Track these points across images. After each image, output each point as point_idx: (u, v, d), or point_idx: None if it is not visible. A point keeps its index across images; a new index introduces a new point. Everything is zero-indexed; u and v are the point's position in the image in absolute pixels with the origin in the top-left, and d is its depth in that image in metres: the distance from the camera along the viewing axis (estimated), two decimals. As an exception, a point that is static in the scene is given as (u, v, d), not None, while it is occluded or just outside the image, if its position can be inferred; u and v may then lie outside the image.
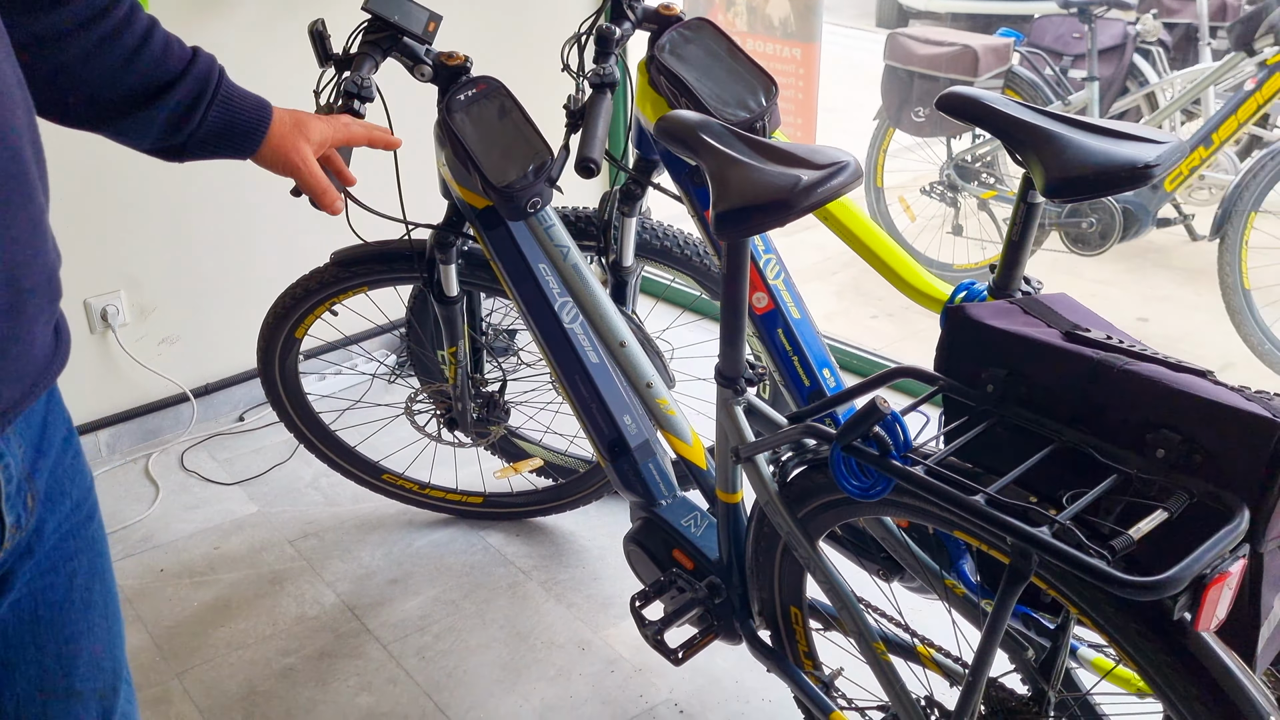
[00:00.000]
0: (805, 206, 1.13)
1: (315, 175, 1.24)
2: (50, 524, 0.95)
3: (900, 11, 8.63)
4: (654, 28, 1.68)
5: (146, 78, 1.07)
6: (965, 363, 1.18)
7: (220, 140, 1.14)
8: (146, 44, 1.07)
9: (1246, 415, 0.97)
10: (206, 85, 1.11)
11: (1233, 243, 3.04)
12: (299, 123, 1.23)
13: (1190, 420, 1.00)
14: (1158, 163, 1.18)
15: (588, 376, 1.73)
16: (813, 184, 1.13)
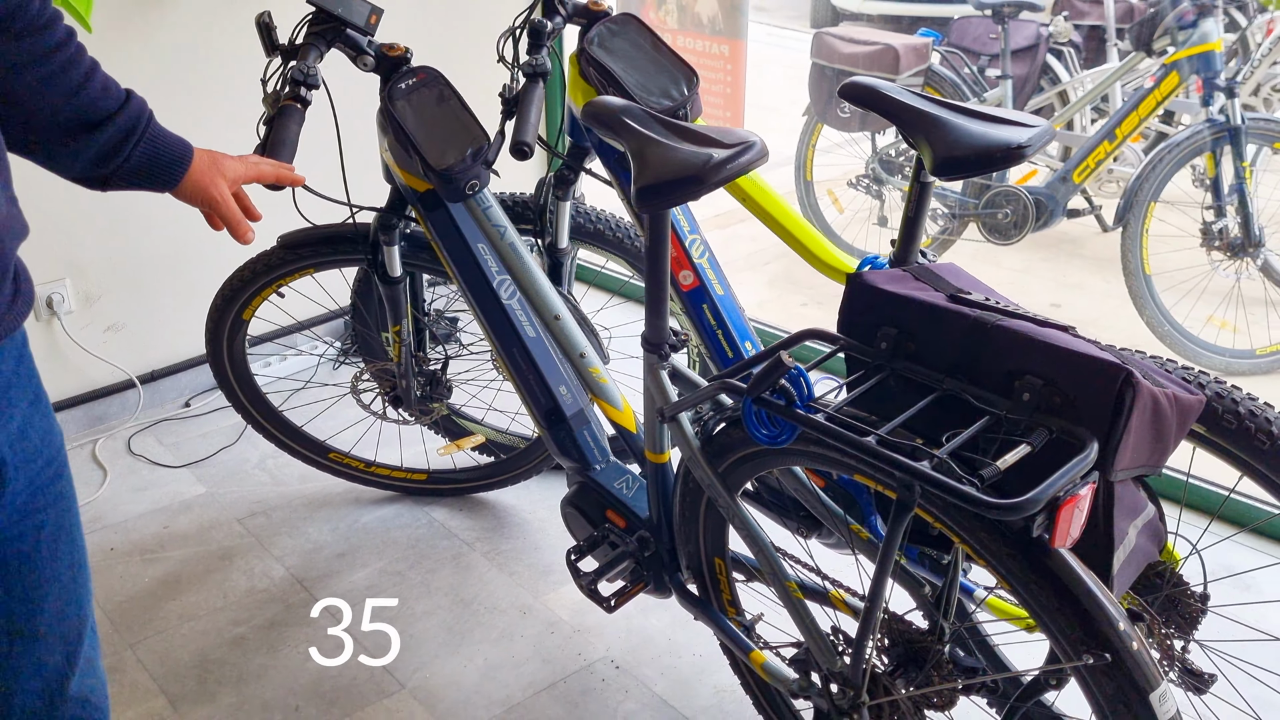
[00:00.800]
0: (716, 181, 1.25)
1: (231, 208, 1.36)
2: (21, 479, 1.04)
3: (833, 13, 8.85)
4: (584, 22, 1.80)
5: (84, 113, 1.17)
6: (863, 324, 1.31)
7: (144, 174, 1.25)
8: (88, 82, 1.17)
9: (1097, 361, 1.11)
10: (136, 124, 1.22)
11: (1134, 231, 3.24)
12: (216, 161, 1.34)
13: (1051, 367, 1.14)
14: (1029, 143, 1.32)
15: (525, 350, 1.84)
16: (722, 161, 1.26)
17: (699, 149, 1.28)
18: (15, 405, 1.02)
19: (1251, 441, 1.28)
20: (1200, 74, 3.23)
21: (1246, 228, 3.23)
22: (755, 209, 1.76)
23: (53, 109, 1.15)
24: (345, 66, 1.87)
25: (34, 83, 1.13)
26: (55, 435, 1.09)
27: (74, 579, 1.13)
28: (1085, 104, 3.79)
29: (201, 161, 1.32)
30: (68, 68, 1.15)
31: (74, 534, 1.12)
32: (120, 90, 1.22)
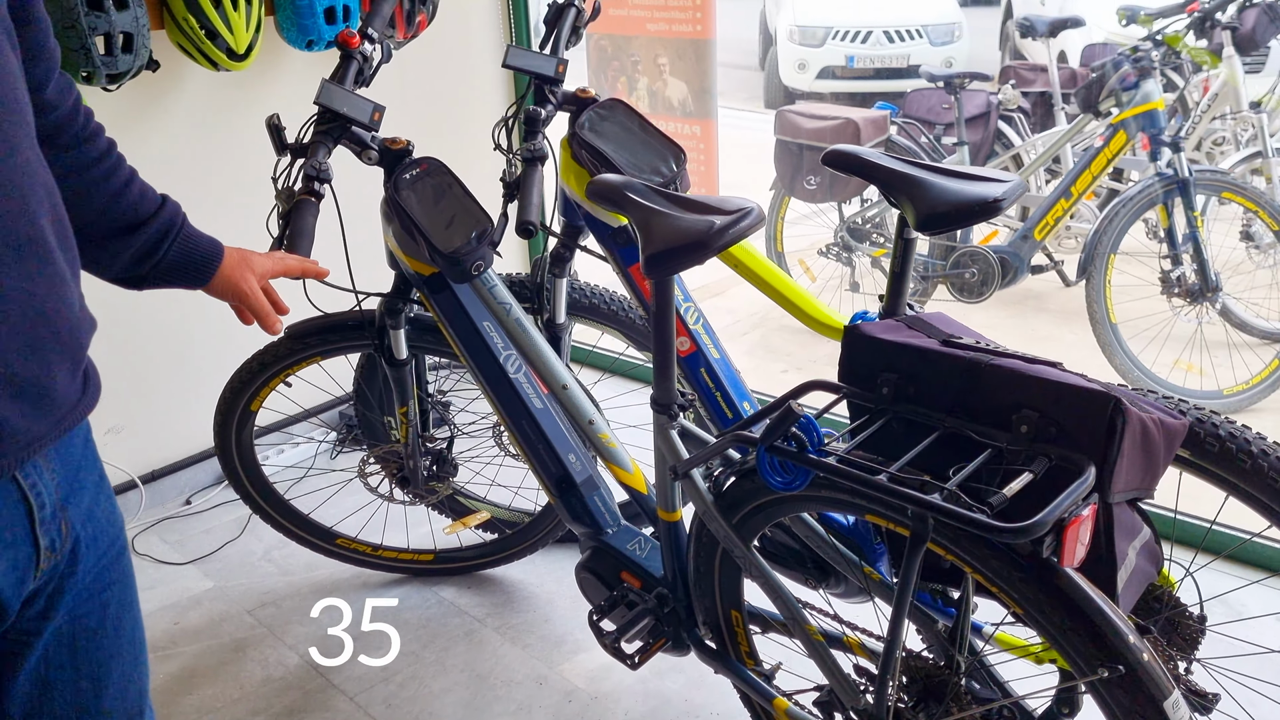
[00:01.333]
0: (720, 245, 1.34)
1: (260, 301, 1.44)
2: (89, 558, 1.10)
3: (786, 93, 9.16)
4: (572, 109, 1.91)
5: (123, 217, 1.26)
6: (863, 372, 1.39)
7: (178, 273, 1.34)
8: (127, 189, 1.26)
9: (1087, 392, 1.20)
10: (171, 226, 1.31)
11: (1097, 282, 3.38)
12: (244, 258, 1.43)
13: (1045, 400, 1.22)
14: (1004, 196, 1.42)
15: (533, 421, 1.91)
16: (724, 226, 1.35)
17: (701, 217, 1.37)
18: (84, 486, 1.08)
19: (1234, 463, 1.37)
20: (1146, 131, 3.41)
21: (1203, 274, 3.38)
22: (747, 273, 1.85)
23: (95, 214, 1.24)
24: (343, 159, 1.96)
25: (78, 190, 1.21)
26: (117, 515, 1.14)
27: (135, 657, 1.17)
28: (1039, 166, 3.97)
29: (231, 258, 1.40)
30: (109, 176, 1.24)
31: (135, 612, 1.17)
32: (156, 195, 1.31)
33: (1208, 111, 4.13)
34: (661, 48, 3.07)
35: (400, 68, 3.01)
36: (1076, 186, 3.58)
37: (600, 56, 3.26)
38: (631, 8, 3.10)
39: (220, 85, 2.71)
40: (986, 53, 10.11)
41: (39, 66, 1.11)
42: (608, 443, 1.83)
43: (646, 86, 3.16)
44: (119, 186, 1.25)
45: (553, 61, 1.86)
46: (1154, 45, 3.47)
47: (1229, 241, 3.86)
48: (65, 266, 1.04)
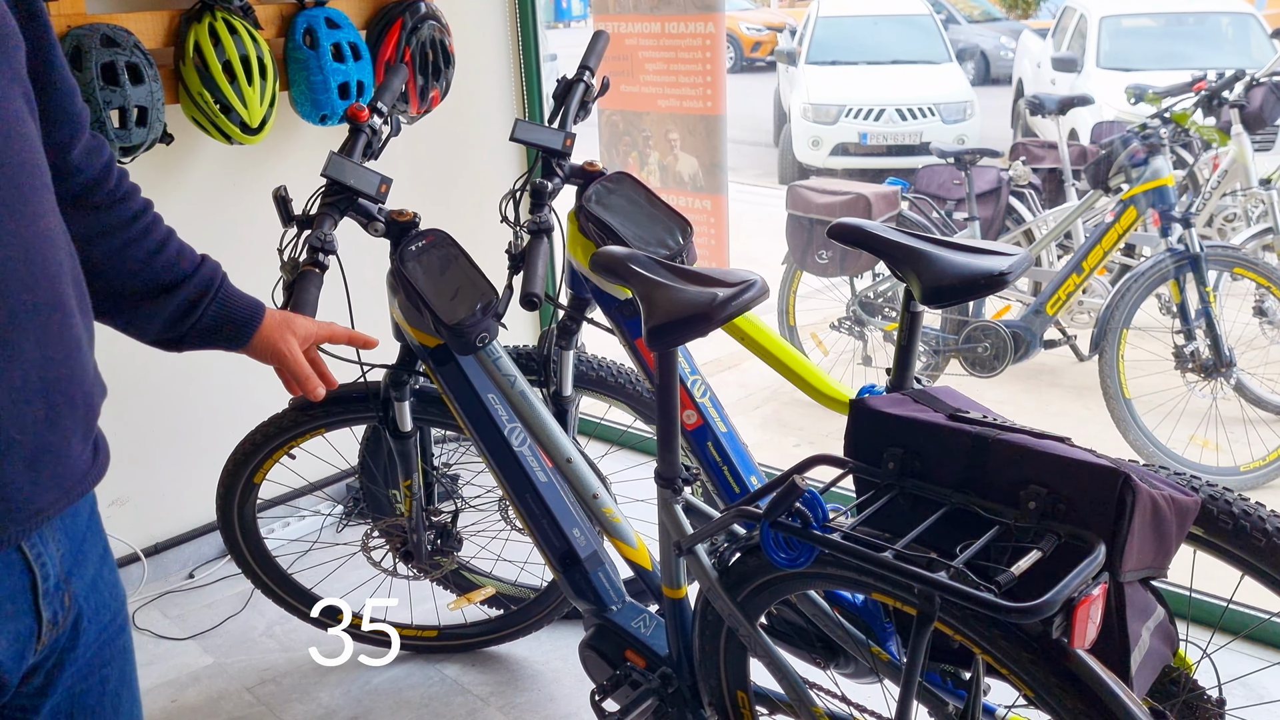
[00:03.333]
0: (722, 317, 1.33)
1: (300, 363, 1.41)
2: (91, 632, 1.07)
3: (799, 168, 9.27)
4: (580, 182, 1.92)
5: (160, 276, 1.26)
6: (869, 446, 1.37)
7: (216, 333, 1.32)
8: (164, 248, 1.26)
9: (1096, 467, 1.18)
10: (209, 286, 1.30)
11: (1110, 358, 3.35)
12: (287, 320, 1.41)
13: (1053, 476, 1.20)
14: (1010, 270, 1.42)
15: (538, 494, 1.89)
16: (727, 299, 1.34)
17: (704, 289, 1.37)
18: (89, 558, 1.06)
19: (1249, 540, 1.33)
20: (1156, 207, 3.41)
21: (1217, 349, 3.36)
22: (754, 346, 1.84)
23: (131, 274, 1.24)
24: (352, 229, 1.97)
25: (114, 250, 1.21)
26: (120, 589, 1.12)
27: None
28: (1050, 241, 3.97)
29: (273, 320, 1.38)
30: (145, 235, 1.24)
31: (134, 689, 1.14)
32: (194, 254, 1.31)
33: (1218, 188, 4.14)
34: (673, 123, 3.11)
35: (412, 140, 3.05)
36: (1088, 262, 3.58)
37: (612, 132, 3.31)
38: (643, 84, 3.15)
39: (233, 157, 2.75)
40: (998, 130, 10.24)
41: (62, 129, 1.12)
42: (612, 517, 1.80)
43: (658, 161, 3.19)
44: (155, 245, 1.25)
45: (560, 135, 1.88)
46: (1163, 123, 3.50)
47: (1243, 317, 3.84)
48: (82, 332, 1.03)
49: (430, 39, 2.84)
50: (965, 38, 15.46)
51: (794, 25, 12.97)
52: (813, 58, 9.78)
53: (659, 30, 3.02)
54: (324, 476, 3.04)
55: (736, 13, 18.66)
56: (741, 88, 15.30)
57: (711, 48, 2.92)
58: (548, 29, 13.28)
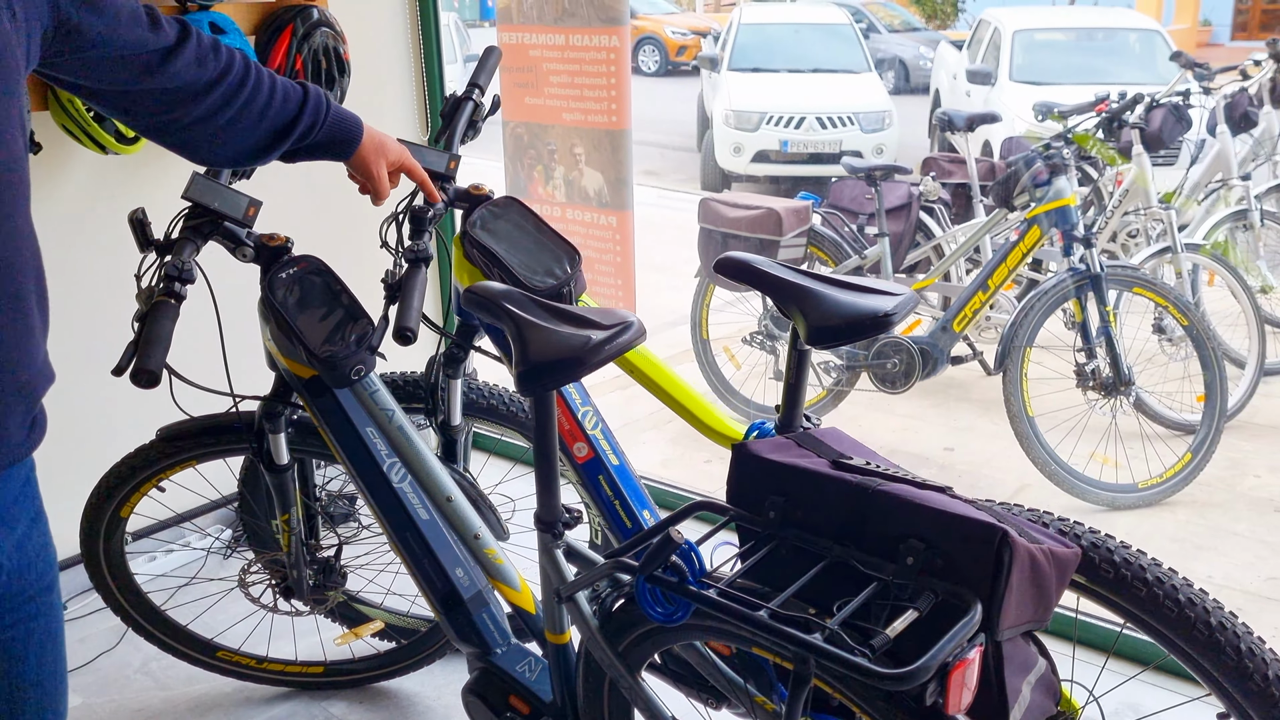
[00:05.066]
0: (595, 362, 1.27)
1: (382, 181, 1.64)
2: (16, 585, 1.16)
3: (721, 174, 9.27)
4: (465, 206, 1.85)
5: (275, 124, 1.46)
6: (751, 493, 1.32)
7: (324, 150, 1.55)
8: (271, 98, 1.44)
9: (973, 523, 1.14)
10: (317, 118, 1.51)
11: (1014, 376, 3.38)
12: (382, 146, 1.63)
13: (932, 530, 1.16)
14: (895, 311, 1.38)
15: (419, 533, 1.81)
16: (601, 342, 1.28)
17: (578, 331, 1.31)
18: (19, 520, 1.16)
19: (1129, 589, 1.31)
20: (1059, 227, 3.44)
21: (1116, 368, 3.40)
22: (643, 379, 1.78)
23: (252, 134, 1.44)
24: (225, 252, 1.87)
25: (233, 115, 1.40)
26: (50, 551, 1.22)
27: (56, 688, 1.23)
28: (958, 257, 4.00)
29: (370, 142, 1.60)
30: (255, 94, 1.42)
31: (59, 644, 1.24)
32: (297, 91, 1.49)
33: (1119, 207, 4.21)
34: (578, 137, 3.05)
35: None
36: (993, 279, 3.60)
37: (516, 144, 3.23)
38: (548, 97, 3.08)
39: (109, 169, 2.60)
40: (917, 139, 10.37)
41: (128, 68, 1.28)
42: (494, 559, 1.73)
43: (563, 175, 3.12)
44: (265, 98, 1.43)
45: (444, 157, 1.80)
46: (1065, 143, 3.53)
47: (1143, 333, 3.91)
48: (37, 321, 1.15)
49: (323, 46, 2.74)
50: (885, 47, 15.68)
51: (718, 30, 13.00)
52: (735, 64, 9.80)
53: (563, 42, 2.96)
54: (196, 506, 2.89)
55: (662, 16, 18.68)
56: (666, 92, 15.30)
57: (616, 61, 2.86)
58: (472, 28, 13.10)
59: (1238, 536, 3.17)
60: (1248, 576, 2.96)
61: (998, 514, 1.19)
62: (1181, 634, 1.29)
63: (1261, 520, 3.27)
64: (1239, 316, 4.06)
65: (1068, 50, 8.96)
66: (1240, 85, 4.56)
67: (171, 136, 1.40)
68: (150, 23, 1.30)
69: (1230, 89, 4.56)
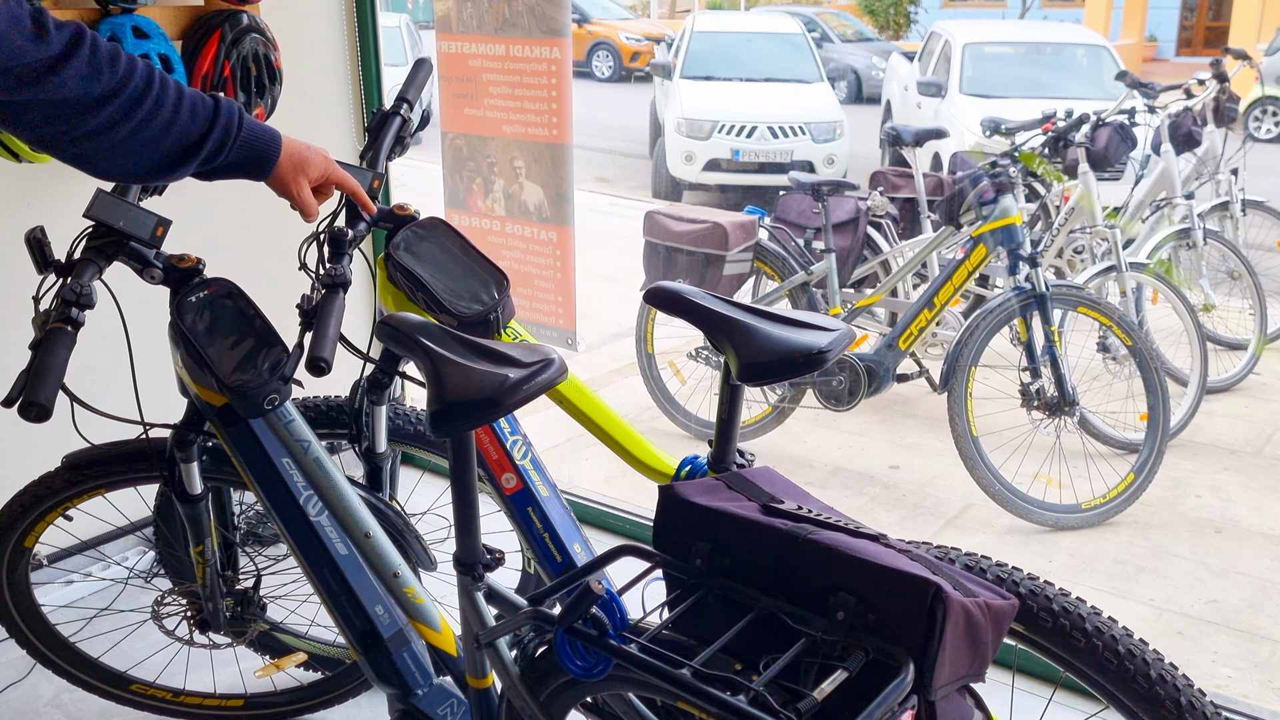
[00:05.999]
0: (512, 403, 1.21)
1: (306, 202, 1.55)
2: None
3: (672, 183, 9.23)
4: (389, 226, 1.77)
5: (181, 139, 1.36)
6: (677, 539, 1.26)
7: (239, 170, 1.46)
8: (177, 113, 1.35)
9: (906, 577, 1.08)
10: (229, 133, 1.40)
11: (959, 395, 3.35)
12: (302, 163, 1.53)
13: (863, 583, 1.11)
14: (829, 348, 1.33)
15: (336, 568, 1.72)
16: (519, 381, 1.21)
17: (495, 369, 1.24)
18: None
19: (1067, 640, 1.27)
20: (1004, 245, 3.43)
21: (1061, 387, 3.39)
22: (573, 411, 1.72)
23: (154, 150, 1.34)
24: (138, 275, 1.77)
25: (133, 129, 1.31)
26: None
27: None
28: (905, 274, 3.98)
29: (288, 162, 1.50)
30: (156, 110, 1.32)
31: None
32: (207, 105, 1.39)
33: (1065, 225, 4.22)
34: (518, 150, 2.97)
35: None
36: (939, 297, 3.58)
37: (456, 156, 3.15)
38: (488, 108, 3.00)
39: (23, 178, 2.48)
40: (869, 149, 10.42)
41: None
42: (414, 598, 1.65)
43: (503, 189, 3.05)
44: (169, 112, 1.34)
45: (367, 176, 1.71)
46: (1011, 161, 3.52)
47: (1087, 350, 3.92)
48: None
49: (253, 53, 2.64)
50: (838, 57, 15.76)
51: (672, 37, 12.98)
52: (687, 72, 9.78)
53: (504, 53, 2.88)
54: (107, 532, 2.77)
55: (616, 22, 18.64)
56: (619, 98, 15.26)
57: (557, 74, 2.80)
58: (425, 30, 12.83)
59: (1179, 558, 3.17)
60: (1188, 599, 2.96)
61: (932, 564, 1.14)
62: (1120, 686, 1.25)
63: (1202, 541, 3.27)
64: (1181, 334, 4.09)
65: (1017, 64, 9.04)
66: (1184, 105, 4.60)
67: (62, 150, 1.31)
68: (35, 31, 1.21)
69: (1175, 108, 4.60)
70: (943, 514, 3.49)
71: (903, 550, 1.17)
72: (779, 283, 3.94)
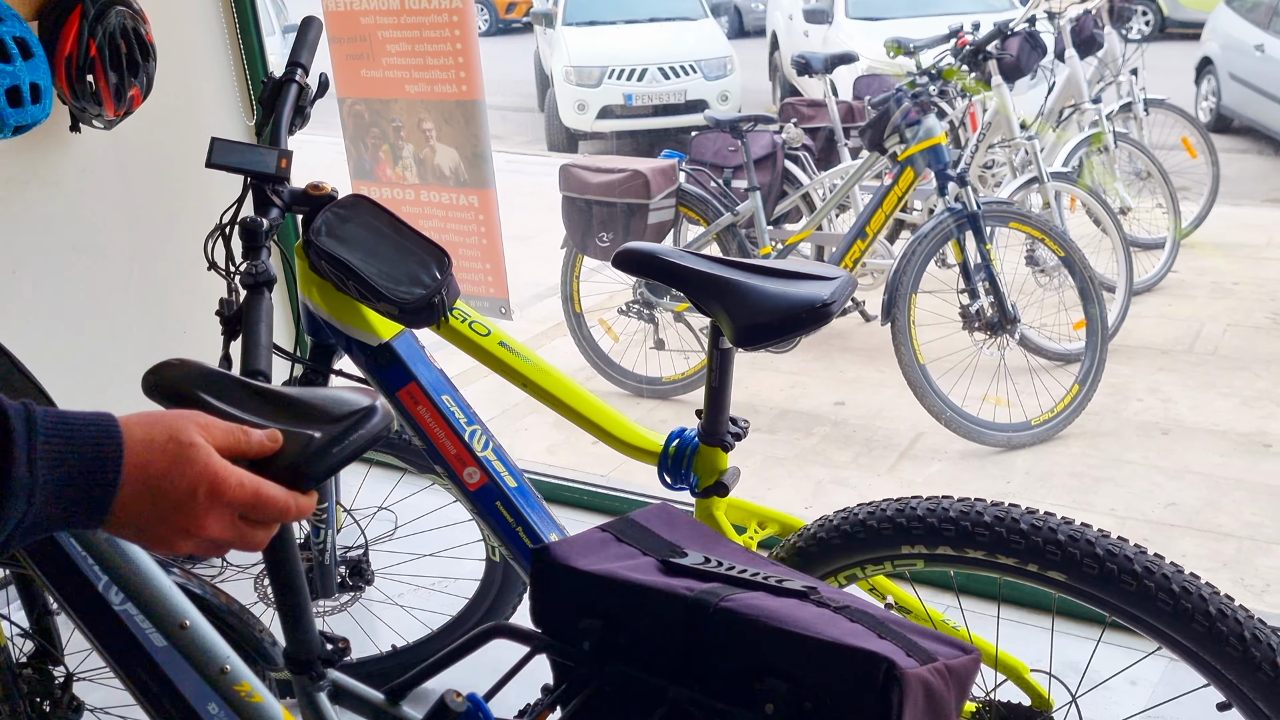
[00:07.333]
0: (321, 473, 0.87)
1: None
2: None
3: (567, 134, 8.99)
4: (306, 210, 1.57)
5: None
6: (561, 614, 1.03)
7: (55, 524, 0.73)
8: None
9: (848, 651, 0.88)
10: None
11: (902, 325, 3.28)
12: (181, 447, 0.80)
13: (795, 662, 0.90)
14: (833, 299, 1.20)
15: (153, 666, 1.37)
16: (326, 444, 0.87)
17: (296, 429, 0.89)
18: None
19: (1117, 585, 1.18)
20: (932, 166, 3.35)
21: (1001, 306, 3.34)
22: (545, 398, 1.57)
23: None
24: None
25: None
26: None
27: None
28: (831, 206, 3.88)
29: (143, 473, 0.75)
30: None
31: None
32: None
33: (984, 139, 4.17)
34: (425, 111, 2.76)
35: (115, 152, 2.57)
36: (871, 226, 3.49)
37: (357, 124, 2.92)
38: (387, 68, 2.77)
39: None
40: (757, 83, 10.30)
41: None
42: (249, 697, 1.36)
43: (413, 154, 2.84)
44: None
45: (272, 155, 1.51)
46: (930, 79, 3.43)
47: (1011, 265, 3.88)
48: None
49: (120, 28, 2.38)
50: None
51: (548, -16, 12.61)
52: (570, 18, 9.50)
53: (398, 6, 2.65)
54: None
55: (487, -27, 18.07)
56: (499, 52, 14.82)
57: (460, 25, 2.58)
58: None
59: (1132, 464, 3.17)
60: (1148, 505, 2.96)
61: (877, 624, 0.93)
62: (1178, 628, 1.16)
63: (1151, 445, 3.28)
64: (1099, 240, 4.10)
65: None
66: (1084, 8, 4.57)
67: None
68: None
69: (1073, 12, 4.57)
70: (895, 447, 3.43)
71: (839, 606, 0.95)
72: (704, 227, 3.81)
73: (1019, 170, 4.16)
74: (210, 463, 0.75)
